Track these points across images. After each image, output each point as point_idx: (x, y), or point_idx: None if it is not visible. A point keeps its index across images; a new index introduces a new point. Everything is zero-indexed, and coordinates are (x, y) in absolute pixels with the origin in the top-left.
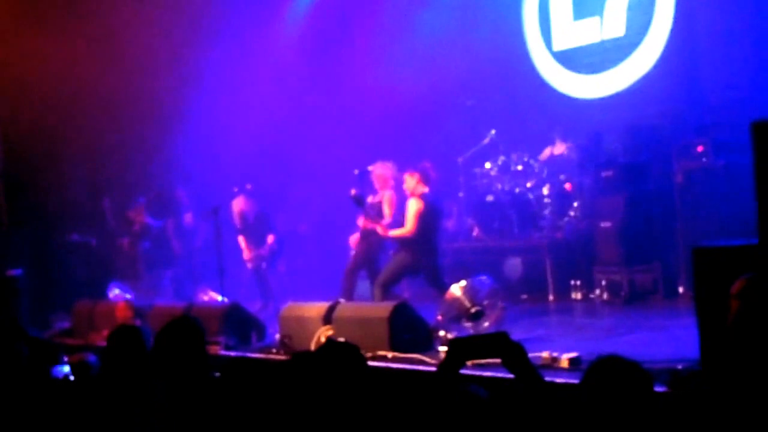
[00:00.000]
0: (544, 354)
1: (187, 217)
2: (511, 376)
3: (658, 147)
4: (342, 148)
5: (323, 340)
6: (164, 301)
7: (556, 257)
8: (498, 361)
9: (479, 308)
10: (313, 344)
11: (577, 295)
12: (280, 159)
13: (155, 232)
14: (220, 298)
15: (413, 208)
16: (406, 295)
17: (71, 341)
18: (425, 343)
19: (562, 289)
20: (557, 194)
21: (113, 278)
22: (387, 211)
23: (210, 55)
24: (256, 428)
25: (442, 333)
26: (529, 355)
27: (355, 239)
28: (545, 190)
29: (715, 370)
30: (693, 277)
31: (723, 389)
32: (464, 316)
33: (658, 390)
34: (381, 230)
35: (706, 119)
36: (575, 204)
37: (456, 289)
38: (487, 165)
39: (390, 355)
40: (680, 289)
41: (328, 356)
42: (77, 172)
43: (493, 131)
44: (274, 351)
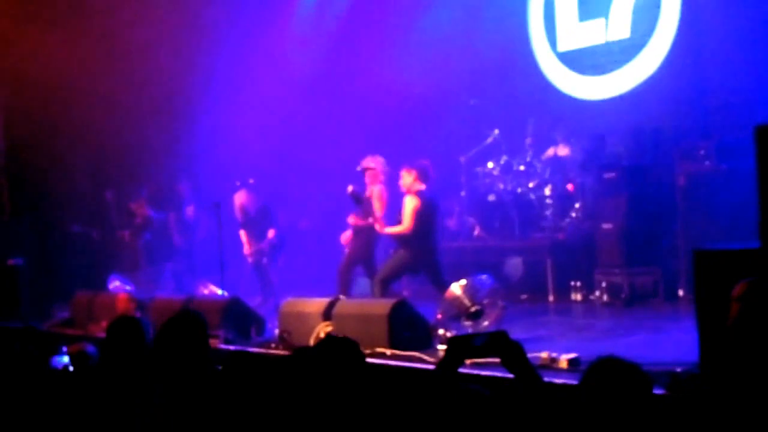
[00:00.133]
0: (543, 354)
1: (189, 210)
2: (510, 375)
3: (661, 149)
4: (344, 145)
5: (323, 335)
6: (164, 293)
7: (557, 258)
8: (497, 360)
9: (479, 307)
10: (312, 340)
11: (577, 296)
12: (282, 154)
13: (157, 225)
14: (220, 291)
15: (410, 206)
16: (406, 293)
17: (70, 331)
18: (424, 341)
19: (562, 290)
20: (559, 195)
21: (114, 270)
22: (377, 206)
23: (213, 50)
24: (256, 422)
25: (441, 331)
26: (528, 355)
27: (346, 237)
28: (547, 191)
29: (714, 373)
30: (693, 280)
31: (722, 392)
32: (464, 315)
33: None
34: (378, 228)
35: (709, 122)
36: (577, 205)
37: (456, 288)
38: (490, 165)
39: (389, 352)
40: (680, 292)
41: (327, 352)
42: (80, 164)
43: (496, 131)
44: (273, 346)
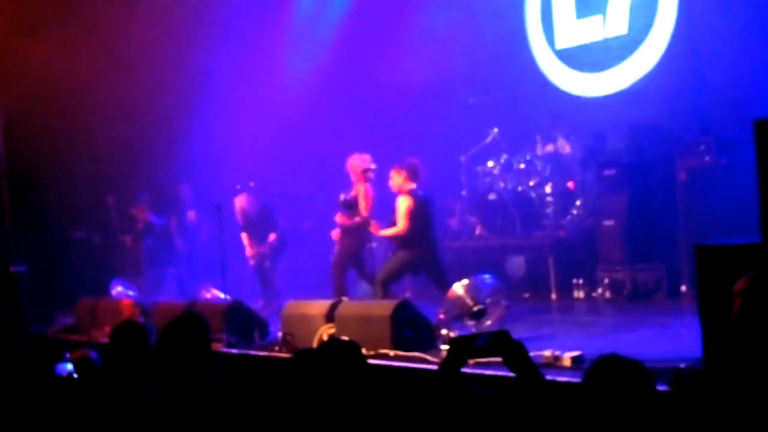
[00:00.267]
0: (547, 353)
1: (190, 214)
2: (512, 374)
3: (661, 145)
4: (345, 145)
5: (325, 337)
6: (167, 298)
7: (559, 256)
8: (500, 359)
9: (481, 307)
10: (315, 342)
11: (580, 294)
12: (283, 156)
13: (158, 230)
14: (222, 295)
15: (403, 206)
16: (408, 294)
17: (74, 338)
18: (427, 341)
19: (565, 288)
20: (560, 193)
21: (116, 275)
22: (362, 204)
23: (213, 53)
24: (257, 425)
25: (444, 331)
26: (531, 354)
27: (337, 233)
28: (548, 189)
29: (717, 369)
30: (696, 276)
31: (726, 388)
32: (466, 315)
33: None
34: (374, 230)
35: (709, 117)
36: (578, 202)
37: (458, 288)
38: (490, 163)
39: (392, 353)
40: (683, 288)
41: (328, 354)
42: (81, 169)
43: (495, 129)
44: (276, 349)
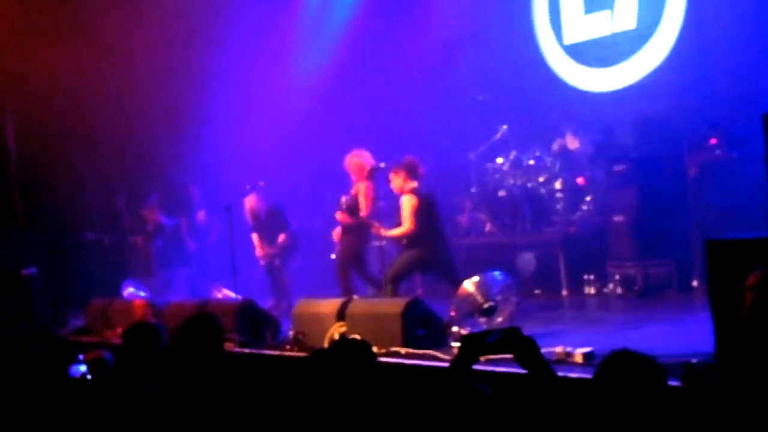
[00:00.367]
0: (558, 349)
1: (200, 214)
2: (524, 371)
3: (670, 140)
4: (353, 144)
5: (336, 336)
6: (178, 298)
7: (569, 252)
8: (511, 357)
9: (492, 304)
10: (326, 341)
11: (591, 290)
12: (293, 155)
13: (169, 231)
14: (233, 295)
15: (408, 206)
16: (419, 291)
17: (86, 339)
18: (438, 339)
19: (576, 284)
20: (570, 189)
21: (127, 276)
22: (363, 203)
23: (222, 53)
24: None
25: (455, 329)
26: (542, 350)
27: (338, 232)
28: (557, 185)
29: (729, 364)
30: (707, 270)
31: (738, 382)
32: (477, 312)
33: (672, 384)
34: (381, 232)
35: (719, 112)
36: (588, 198)
37: (469, 285)
38: (499, 160)
39: (403, 351)
40: (694, 283)
41: (339, 354)
42: (91, 172)
43: (504, 126)
44: (287, 348)
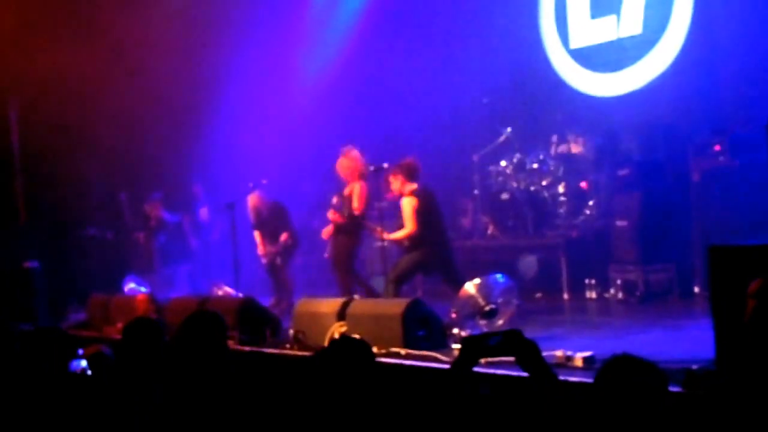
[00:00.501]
0: (558, 353)
1: (203, 212)
2: (524, 374)
3: (674, 145)
4: (357, 145)
5: (337, 336)
6: (179, 295)
7: (571, 256)
8: (511, 360)
9: (493, 306)
10: (326, 340)
11: (592, 294)
12: (295, 154)
13: (171, 227)
14: (234, 293)
15: (408, 207)
16: (420, 293)
17: (86, 333)
18: (439, 340)
19: (577, 288)
20: (573, 192)
21: (129, 272)
22: (356, 204)
23: (226, 51)
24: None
25: (455, 330)
26: (543, 354)
27: (328, 231)
28: (561, 188)
29: (730, 370)
30: (709, 277)
31: (739, 389)
32: (478, 314)
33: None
34: (383, 236)
35: (723, 118)
36: (591, 202)
37: (470, 287)
38: (503, 163)
39: (403, 352)
40: (696, 289)
41: (337, 353)
42: (93, 167)
43: (508, 129)
44: (287, 346)
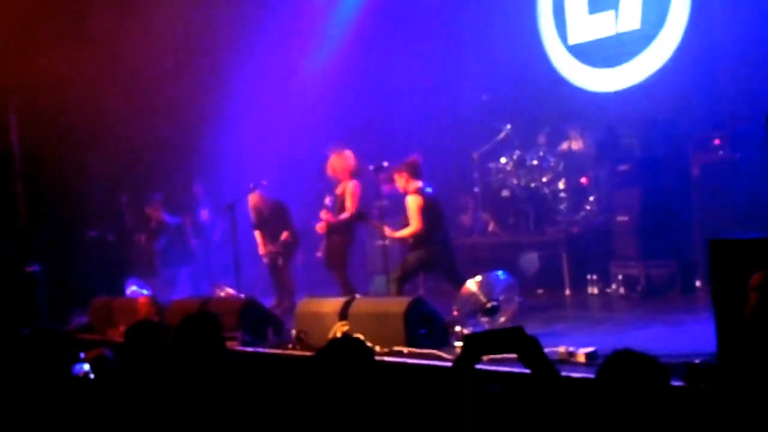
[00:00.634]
0: (561, 349)
1: (204, 212)
2: (527, 371)
3: (674, 140)
4: (357, 144)
5: (339, 335)
6: (181, 296)
7: (573, 252)
8: (514, 357)
9: (495, 303)
10: (329, 340)
11: (594, 290)
12: (296, 154)
13: (172, 229)
14: (236, 293)
15: (413, 205)
16: (422, 291)
17: (89, 336)
18: (441, 338)
19: (579, 284)
20: (573, 188)
21: (130, 274)
22: (349, 203)
23: (225, 52)
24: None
25: (458, 328)
26: (545, 350)
27: (322, 226)
28: (561, 185)
29: (732, 364)
30: (710, 270)
31: (741, 383)
32: (480, 311)
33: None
34: (388, 233)
35: (722, 112)
36: (591, 198)
37: (472, 284)
38: (503, 160)
39: (406, 350)
40: (697, 284)
41: (334, 352)
42: (95, 169)
43: (508, 126)
44: (290, 346)
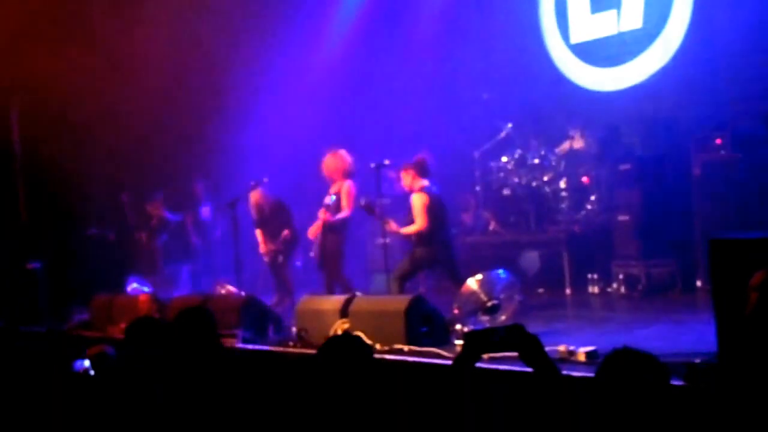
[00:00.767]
0: (561, 347)
1: (205, 210)
2: (527, 369)
3: (676, 140)
4: (358, 141)
5: (340, 333)
6: (182, 294)
7: (574, 251)
8: (514, 355)
9: (495, 302)
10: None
11: (595, 289)
12: (298, 151)
13: (173, 226)
14: (236, 291)
15: (418, 203)
16: (422, 289)
17: (89, 334)
18: (442, 336)
19: (580, 283)
20: (574, 188)
21: (131, 272)
22: (345, 203)
23: (227, 49)
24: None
25: (458, 326)
26: (545, 349)
27: (315, 231)
28: (562, 184)
29: (732, 363)
30: (710, 270)
31: (741, 383)
32: (480, 310)
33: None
34: (394, 229)
35: (724, 112)
36: (592, 197)
37: (472, 283)
38: (504, 159)
39: (406, 348)
40: (698, 283)
41: (332, 350)
42: (96, 167)
43: (509, 124)
44: (291, 344)
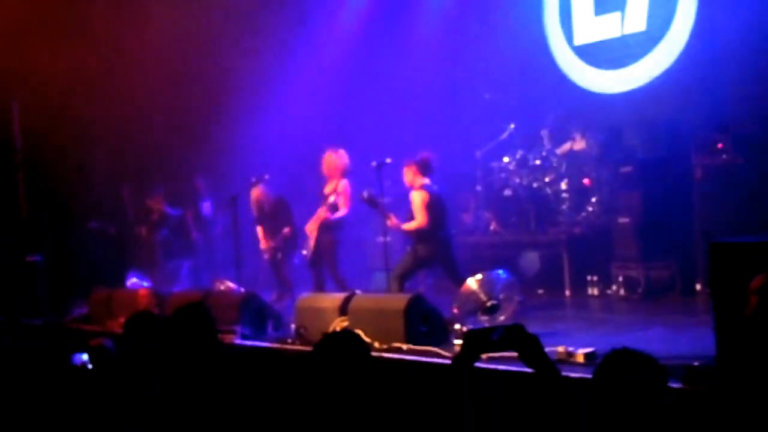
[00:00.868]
0: (560, 349)
1: (206, 206)
2: (526, 369)
3: (677, 143)
4: (360, 140)
5: (338, 331)
6: (181, 289)
7: (573, 252)
8: (514, 354)
9: (495, 302)
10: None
11: (594, 291)
12: (298, 149)
13: (173, 221)
14: (236, 287)
15: (418, 200)
16: (422, 288)
17: (88, 327)
18: (441, 335)
19: (579, 284)
20: (575, 189)
21: (131, 266)
22: (342, 202)
23: (229, 47)
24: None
25: (457, 326)
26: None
27: (312, 228)
28: (563, 185)
29: (731, 366)
30: (710, 273)
31: (740, 385)
32: (480, 310)
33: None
34: (395, 224)
35: (726, 115)
36: (593, 199)
37: (472, 283)
38: (506, 159)
39: (405, 347)
40: (698, 286)
41: (328, 346)
42: (96, 161)
43: (511, 125)
44: (289, 341)
